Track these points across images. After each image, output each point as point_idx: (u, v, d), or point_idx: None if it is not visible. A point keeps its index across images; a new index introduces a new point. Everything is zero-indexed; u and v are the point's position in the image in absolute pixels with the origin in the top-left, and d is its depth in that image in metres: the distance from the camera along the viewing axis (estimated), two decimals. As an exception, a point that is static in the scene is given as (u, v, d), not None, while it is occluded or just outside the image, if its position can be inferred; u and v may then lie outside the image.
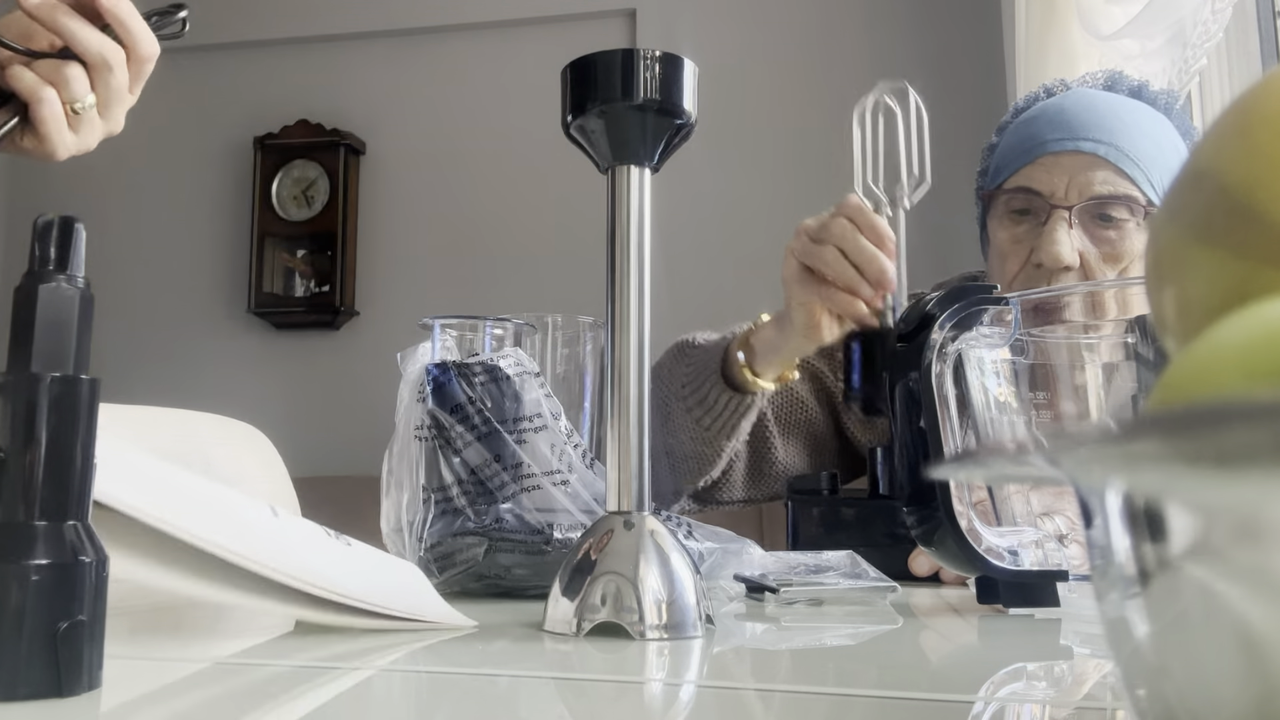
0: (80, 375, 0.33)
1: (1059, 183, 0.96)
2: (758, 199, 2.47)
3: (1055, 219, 0.95)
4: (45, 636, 0.30)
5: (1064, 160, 0.96)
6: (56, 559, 0.31)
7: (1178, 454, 0.14)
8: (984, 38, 2.28)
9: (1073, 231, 0.95)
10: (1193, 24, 1.48)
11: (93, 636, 0.32)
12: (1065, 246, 0.94)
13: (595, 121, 0.50)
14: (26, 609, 0.30)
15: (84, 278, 0.34)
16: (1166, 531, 0.19)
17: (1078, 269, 0.95)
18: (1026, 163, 0.99)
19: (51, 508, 0.31)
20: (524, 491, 0.63)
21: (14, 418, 0.31)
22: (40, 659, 0.30)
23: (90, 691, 0.32)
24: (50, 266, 0.33)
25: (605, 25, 2.62)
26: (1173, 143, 0.99)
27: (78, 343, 0.33)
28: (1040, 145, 0.98)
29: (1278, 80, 0.22)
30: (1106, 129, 0.96)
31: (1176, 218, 0.23)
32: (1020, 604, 0.57)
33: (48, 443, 0.31)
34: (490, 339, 0.71)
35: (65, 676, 0.31)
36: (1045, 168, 0.97)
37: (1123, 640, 0.20)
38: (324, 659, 0.40)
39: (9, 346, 0.32)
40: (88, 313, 0.33)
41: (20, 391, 0.32)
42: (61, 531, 0.31)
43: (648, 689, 0.38)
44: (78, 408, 0.32)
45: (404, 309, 2.54)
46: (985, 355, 0.59)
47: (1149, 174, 0.95)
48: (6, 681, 0.30)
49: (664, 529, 0.48)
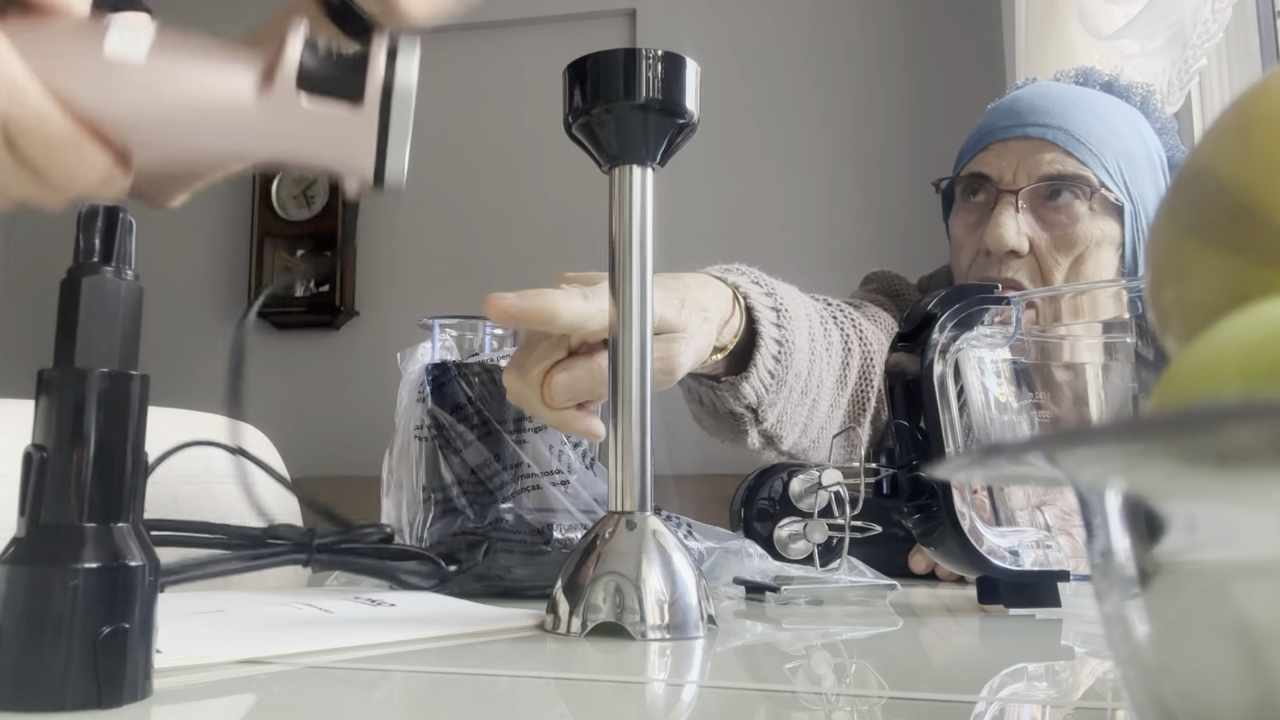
0: (129, 371, 0.31)
1: (1007, 167, 0.96)
2: (758, 198, 2.47)
3: (1002, 203, 0.95)
4: (88, 644, 0.29)
5: (1013, 145, 0.96)
6: (103, 562, 0.30)
7: (1178, 454, 0.14)
8: (984, 37, 2.28)
9: (1020, 216, 0.94)
10: (1193, 24, 1.48)
11: (139, 644, 0.30)
12: (1010, 230, 0.93)
13: (597, 121, 0.50)
14: (68, 615, 0.29)
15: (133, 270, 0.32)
16: (1167, 531, 0.19)
17: (1027, 254, 0.94)
18: (978, 151, 0.99)
19: (99, 509, 0.30)
20: (524, 492, 0.63)
21: (59, 414, 0.30)
22: (82, 668, 0.29)
23: (138, 702, 0.30)
24: (95, 258, 0.32)
25: (605, 25, 2.62)
26: (1135, 129, 0.98)
27: (125, 337, 0.32)
28: (991, 133, 0.99)
29: (1278, 80, 0.22)
30: (1057, 114, 0.96)
31: (1176, 218, 0.23)
32: (1021, 604, 0.57)
33: (96, 440, 0.30)
34: (490, 339, 0.71)
35: (105, 686, 0.29)
36: (995, 153, 0.97)
37: (1123, 640, 0.20)
38: (325, 659, 0.40)
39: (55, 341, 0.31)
40: (136, 306, 0.32)
41: (65, 387, 0.30)
42: (110, 534, 0.30)
43: (648, 689, 0.38)
44: (127, 404, 0.31)
45: (404, 309, 2.54)
46: (985, 355, 0.59)
47: (1102, 157, 0.94)
48: (50, 691, 0.29)
49: (666, 529, 0.48)
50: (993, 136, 0.98)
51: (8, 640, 0.29)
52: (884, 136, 2.44)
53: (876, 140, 2.44)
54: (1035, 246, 0.94)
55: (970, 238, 0.99)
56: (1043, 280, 0.94)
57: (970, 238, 0.99)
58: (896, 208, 2.36)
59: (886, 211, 2.38)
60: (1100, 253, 0.95)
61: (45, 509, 0.30)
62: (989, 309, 0.57)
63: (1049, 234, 0.95)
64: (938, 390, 0.58)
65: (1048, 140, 0.95)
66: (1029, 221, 0.95)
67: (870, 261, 2.39)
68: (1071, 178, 0.94)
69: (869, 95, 2.46)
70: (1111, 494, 0.20)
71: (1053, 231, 0.95)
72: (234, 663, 0.39)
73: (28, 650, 0.29)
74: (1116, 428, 0.15)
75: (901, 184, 2.36)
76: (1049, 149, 0.95)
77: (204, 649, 0.40)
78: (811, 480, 0.68)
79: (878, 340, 0.95)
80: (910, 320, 0.60)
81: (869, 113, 2.46)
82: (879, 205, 2.40)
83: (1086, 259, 0.94)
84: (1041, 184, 0.94)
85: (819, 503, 0.67)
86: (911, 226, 2.31)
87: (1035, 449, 0.17)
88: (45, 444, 0.30)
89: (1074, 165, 0.94)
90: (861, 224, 2.41)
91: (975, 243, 0.98)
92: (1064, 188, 0.94)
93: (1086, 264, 0.95)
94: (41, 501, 0.30)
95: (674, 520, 0.65)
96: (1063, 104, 0.98)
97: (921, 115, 2.39)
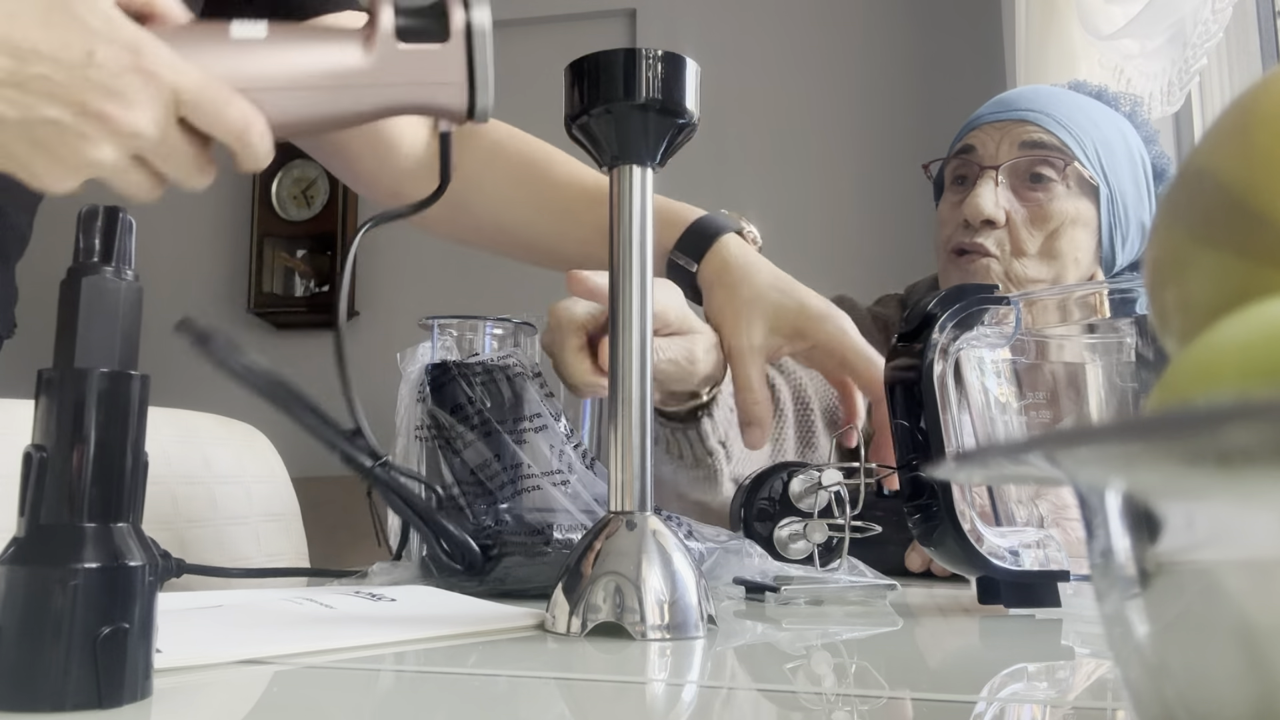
0: (129, 371, 0.31)
1: (991, 141, 1.02)
2: (758, 198, 2.47)
3: (983, 177, 1.01)
4: (87, 644, 0.29)
5: (998, 126, 1.03)
6: (102, 562, 0.30)
7: (1178, 454, 0.14)
8: (984, 37, 2.28)
9: (999, 190, 1.00)
10: (1193, 24, 1.48)
11: (139, 644, 0.30)
12: (987, 201, 0.99)
13: (598, 120, 0.50)
14: (68, 614, 0.29)
15: (133, 269, 0.32)
16: (1167, 531, 0.19)
17: (1003, 226, 1.00)
18: (967, 132, 1.06)
19: (99, 508, 0.30)
20: (524, 492, 0.63)
21: (59, 414, 0.30)
22: (82, 668, 0.29)
23: (138, 701, 0.30)
24: (95, 258, 0.32)
25: (605, 25, 2.62)
26: (1117, 127, 1.03)
27: (125, 337, 0.32)
28: (978, 119, 1.06)
29: (1277, 80, 0.22)
30: (1041, 102, 1.03)
31: (1176, 218, 0.23)
32: (1021, 604, 0.57)
33: (95, 440, 0.30)
34: (490, 339, 0.71)
35: (105, 686, 0.29)
36: (983, 131, 1.04)
37: (1123, 640, 0.20)
38: (325, 659, 0.40)
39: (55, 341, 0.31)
40: (136, 306, 0.32)
41: (65, 387, 0.30)
42: (110, 533, 0.30)
43: (648, 689, 0.38)
44: (127, 404, 0.31)
45: (404, 309, 2.54)
46: (985, 355, 0.59)
47: (1081, 141, 1.00)
48: (51, 690, 0.29)
49: (666, 529, 0.48)
50: (980, 121, 1.06)
51: (7, 640, 0.29)
52: (884, 136, 2.43)
53: (876, 139, 2.44)
54: (1011, 220, 1.00)
55: (953, 215, 1.05)
56: (1014, 251, 1.00)
57: (953, 215, 1.05)
58: (896, 206, 2.36)
59: (886, 210, 2.38)
60: (1074, 231, 1.00)
61: (45, 509, 0.30)
62: (989, 309, 0.57)
63: (1026, 209, 1.00)
64: (938, 390, 0.57)
65: (1030, 121, 1.01)
66: (1007, 196, 1.01)
67: (870, 260, 2.39)
68: (1049, 146, 1.00)
69: (869, 95, 2.46)
70: (1111, 494, 0.20)
71: (1030, 207, 1.00)
72: (234, 663, 0.39)
73: (27, 650, 0.29)
74: (1116, 428, 0.15)
75: (901, 183, 2.36)
76: (1032, 129, 1.01)
77: (204, 649, 0.40)
78: (811, 480, 0.68)
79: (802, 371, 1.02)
80: (910, 320, 0.60)
81: (869, 112, 2.46)
82: (879, 204, 2.40)
83: (1060, 235, 0.99)
84: (1021, 158, 1.00)
85: (819, 503, 0.67)
86: (911, 226, 2.31)
87: (1035, 449, 0.17)
88: (45, 444, 0.30)
89: (1052, 140, 1.00)
90: (862, 223, 2.41)
91: (956, 218, 1.03)
92: (1041, 161, 1.00)
93: (1060, 241, 1.00)
94: (41, 501, 0.30)
95: (674, 520, 0.65)
96: (1046, 95, 1.05)
97: (921, 115, 2.39)
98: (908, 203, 2.33)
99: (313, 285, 2.74)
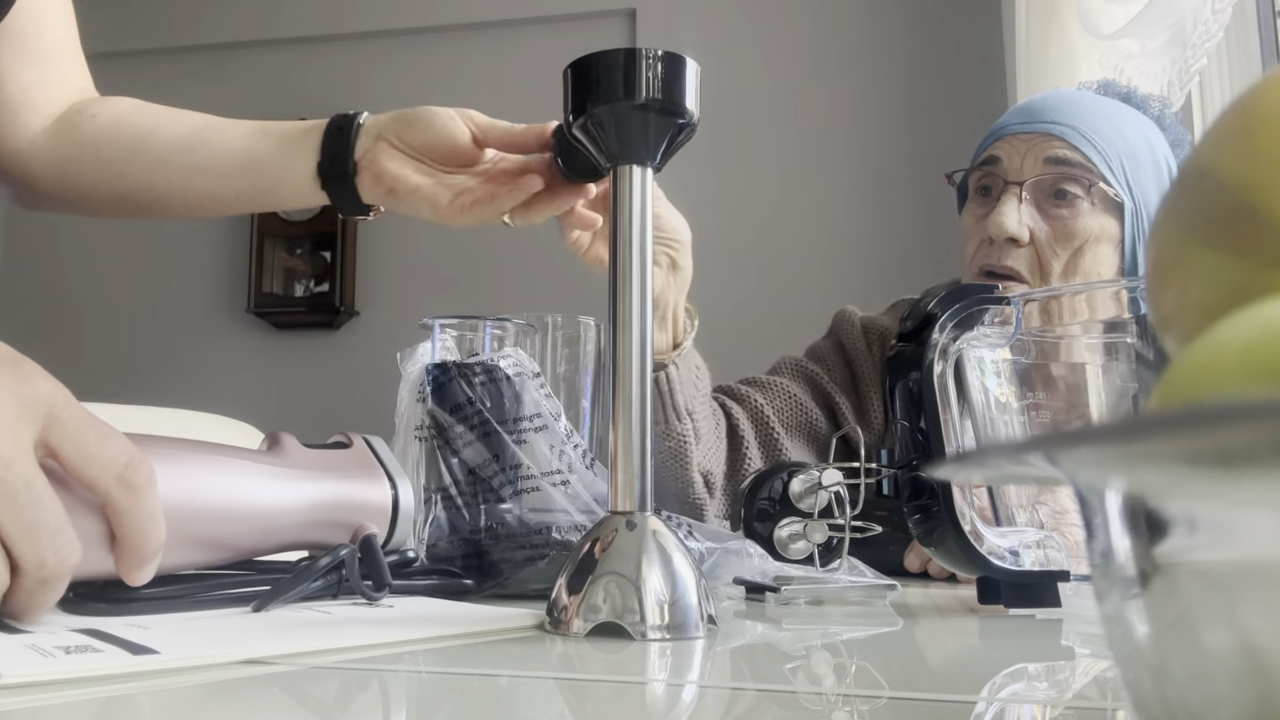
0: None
1: (1015, 154, 1.01)
2: (758, 198, 2.47)
3: (1007, 193, 1.00)
4: None
5: (1023, 139, 1.01)
6: None
7: (1178, 454, 0.14)
8: (984, 38, 2.28)
9: (1023, 207, 0.99)
10: (1193, 24, 1.48)
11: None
12: (1011, 218, 0.98)
13: (597, 121, 0.50)
14: None
15: None
16: (1167, 532, 0.19)
17: (1028, 245, 0.99)
18: (992, 142, 1.05)
19: None
20: (523, 492, 0.63)
21: None
22: None
23: None
24: None
25: (605, 25, 2.62)
26: (1144, 135, 1.02)
27: None
28: (1004, 128, 1.04)
29: (1278, 80, 0.22)
30: (1067, 113, 1.01)
31: (1177, 218, 0.23)
32: (1022, 604, 0.57)
33: None
34: (490, 339, 0.71)
35: None
36: (1007, 143, 1.02)
37: (1123, 640, 0.20)
38: (325, 659, 0.40)
39: None
40: None
41: None
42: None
43: (648, 689, 0.38)
44: None
45: (404, 309, 2.54)
46: (985, 355, 0.59)
47: (1107, 157, 0.99)
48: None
49: (666, 529, 0.48)
50: (1005, 131, 1.04)
51: None
52: (884, 136, 2.44)
53: (876, 139, 2.44)
54: (1035, 238, 0.99)
55: (977, 228, 1.03)
56: (1040, 271, 0.99)
57: (977, 228, 1.03)
58: (897, 207, 2.36)
59: (886, 211, 2.38)
60: (1099, 249, 0.99)
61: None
62: (989, 309, 0.57)
63: (1050, 226, 0.99)
64: (938, 390, 0.57)
65: (1054, 135, 0.99)
66: (1031, 213, 0.99)
67: (870, 260, 2.39)
68: (1073, 164, 0.98)
69: (869, 94, 2.46)
70: (1111, 494, 0.20)
71: (1054, 224, 0.99)
72: (234, 663, 0.39)
73: None
74: (1116, 428, 0.15)
75: (902, 183, 2.36)
76: (1058, 144, 0.99)
77: (204, 649, 0.40)
78: (811, 480, 0.68)
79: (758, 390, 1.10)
80: (911, 320, 0.60)
81: (869, 112, 2.46)
82: (879, 204, 2.40)
83: (1084, 253, 0.98)
84: (1046, 175, 0.98)
85: (819, 503, 0.67)
86: (911, 226, 2.31)
87: (1035, 449, 0.17)
88: None
89: (1078, 157, 0.98)
90: (862, 223, 2.41)
91: (981, 233, 1.02)
92: (1066, 178, 0.98)
93: (1084, 258, 0.98)
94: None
95: (674, 520, 0.65)
96: (1072, 104, 1.03)
97: (921, 115, 2.39)
98: (907, 201, 2.33)
99: (312, 285, 2.74)
